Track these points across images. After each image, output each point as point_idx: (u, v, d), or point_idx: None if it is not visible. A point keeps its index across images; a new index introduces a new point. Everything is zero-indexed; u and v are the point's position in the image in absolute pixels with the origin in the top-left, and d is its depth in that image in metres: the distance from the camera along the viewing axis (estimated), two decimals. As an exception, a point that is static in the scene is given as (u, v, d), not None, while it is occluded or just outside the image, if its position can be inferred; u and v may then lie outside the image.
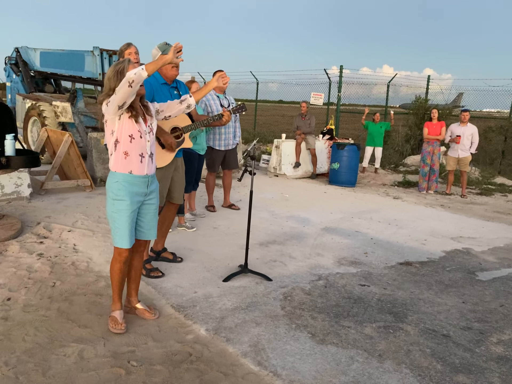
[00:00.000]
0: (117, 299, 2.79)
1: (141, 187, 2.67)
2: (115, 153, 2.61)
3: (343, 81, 11.65)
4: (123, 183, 2.60)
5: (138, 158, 2.62)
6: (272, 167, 8.99)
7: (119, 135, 2.58)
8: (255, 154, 3.85)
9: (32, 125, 8.74)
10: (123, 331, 2.69)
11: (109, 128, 2.60)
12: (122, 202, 2.60)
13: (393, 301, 3.38)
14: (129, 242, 2.66)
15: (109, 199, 2.63)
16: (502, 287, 3.82)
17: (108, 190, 2.64)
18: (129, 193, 2.61)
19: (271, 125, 20.94)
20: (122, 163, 2.60)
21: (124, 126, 2.57)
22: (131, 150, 2.59)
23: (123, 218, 2.61)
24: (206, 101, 5.50)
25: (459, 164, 7.98)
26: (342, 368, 2.48)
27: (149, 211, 2.78)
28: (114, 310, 2.79)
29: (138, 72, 2.38)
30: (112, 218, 2.64)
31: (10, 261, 3.69)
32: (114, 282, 2.75)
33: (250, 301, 3.23)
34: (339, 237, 4.97)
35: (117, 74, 2.50)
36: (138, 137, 2.60)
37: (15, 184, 5.50)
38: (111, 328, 2.71)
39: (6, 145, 4.17)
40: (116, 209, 2.61)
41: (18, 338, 2.58)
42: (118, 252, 2.68)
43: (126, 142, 2.58)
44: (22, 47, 9.58)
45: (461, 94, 14.05)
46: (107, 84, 2.54)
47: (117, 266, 2.71)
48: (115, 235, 2.66)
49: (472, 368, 2.56)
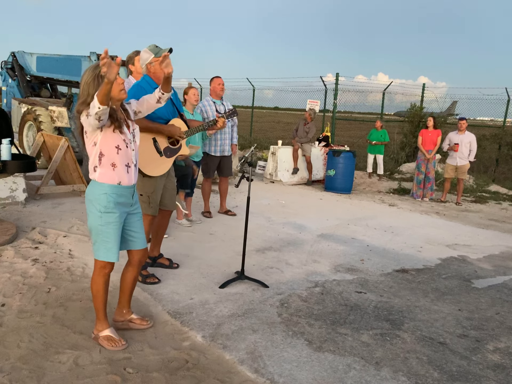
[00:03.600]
0: (104, 317, 2.61)
1: (127, 198, 2.55)
2: (101, 166, 2.45)
3: (339, 89, 11.73)
4: (112, 195, 2.46)
5: (125, 168, 2.50)
6: (268, 173, 9.00)
7: (103, 147, 2.42)
8: (252, 161, 3.85)
9: (27, 130, 8.71)
10: (126, 346, 2.59)
11: (90, 140, 2.42)
12: (112, 214, 2.46)
13: (389, 309, 3.38)
14: (117, 255, 2.53)
15: (95, 212, 2.46)
16: (498, 294, 3.83)
17: (93, 202, 2.46)
18: (117, 205, 2.48)
19: (267, 131, 21.00)
20: (110, 174, 2.46)
21: (108, 138, 2.42)
22: (117, 161, 2.46)
23: (112, 231, 2.48)
24: (202, 107, 5.52)
25: (457, 172, 8.02)
26: (339, 376, 2.47)
27: (136, 220, 2.66)
28: (102, 329, 2.60)
29: (98, 111, 2.18)
30: (98, 232, 2.48)
31: (4, 266, 3.66)
32: (98, 299, 2.57)
33: (246, 308, 3.22)
34: (335, 244, 4.97)
35: (96, 78, 2.33)
36: (124, 147, 2.47)
37: (10, 189, 5.47)
38: (110, 348, 2.54)
39: (2, 149, 4.16)
40: (104, 222, 2.45)
41: (12, 345, 2.54)
42: (102, 266, 2.52)
43: (113, 153, 2.44)
44: (18, 51, 9.56)
45: (455, 102, 14.17)
46: (85, 90, 2.34)
47: (101, 280, 2.55)
48: (100, 248, 2.49)
49: (469, 376, 2.56)
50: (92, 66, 2.42)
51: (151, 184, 3.38)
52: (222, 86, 5.56)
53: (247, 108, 16.25)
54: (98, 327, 2.62)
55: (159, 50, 3.25)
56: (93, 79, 2.34)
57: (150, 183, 3.37)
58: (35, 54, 9.31)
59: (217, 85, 5.54)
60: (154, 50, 3.26)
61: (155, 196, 3.43)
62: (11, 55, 9.70)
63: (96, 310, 2.62)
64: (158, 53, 3.26)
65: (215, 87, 5.56)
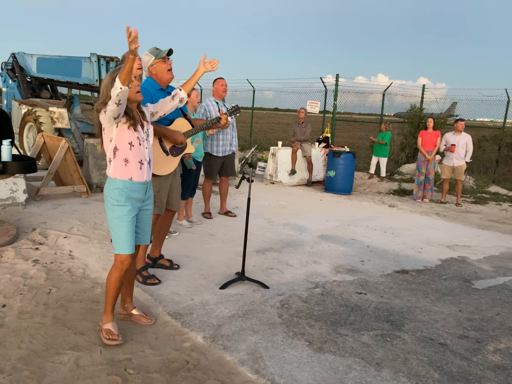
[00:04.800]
0: (110, 311, 2.69)
1: (140, 194, 2.66)
2: (115, 160, 2.59)
3: (338, 90, 11.73)
4: (123, 189, 2.58)
5: (138, 165, 2.62)
6: (268, 174, 9.01)
7: (117, 142, 2.57)
8: (253, 162, 3.86)
9: (28, 131, 8.72)
10: (121, 342, 2.63)
11: (107, 136, 2.60)
12: (124, 207, 2.58)
13: (390, 309, 3.38)
14: (130, 247, 2.62)
15: (109, 205, 2.60)
16: (498, 295, 3.83)
17: (108, 197, 2.61)
18: (129, 199, 2.60)
19: (267, 132, 21.01)
20: (122, 170, 2.59)
21: (123, 134, 2.57)
22: (130, 157, 2.59)
23: (124, 223, 2.59)
24: (205, 107, 5.53)
25: (454, 172, 8.04)
26: (340, 377, 2.47)
27: (145, 216, 2.77)
28: (106, 322, 2.68)
29: (119, 92, 2.33)
30: (113, 225, 2.61)
31: (5, 267, 3.66)
32: (110, 292, 2.66)
33: (247, 308, 3.22)
34: (335, 245, 4.97)
35: (113, 81, 2.46)
36: (138, 144, 2.61)
37: (11, 190, 5.47)
38: (106, 341, 2.61)
39: (3, 150, 4.16)
40: (117, 215, 2.58)
41: (13, 346, 2.55)
42: (120, 260, 2.61)
43: (126, 149, 2.58)
44: (18, 52, 9.57)
45: (455, 103, 14.17)
46: (104, 92, 2.51)
47: (116, 275, 2.63)
48: (116, 242, 2.62)
49: (470, 377, 2.57)
50: (111, 70, 2.57)
51: (157, 183, 3.40)
52: (224, 87, 5.57)
53: (247, 109, 16.26)
54: (103, 319, 2.72)
55: (159, 52, 3.30)
56: (111, 81, 2.47)
57: (156, 182, 3.39)
58: (35, 55, 9.32)
59: (220, 86, 5.55)
60: (155, 52, 3.31)
61: (161, 195, 3.45)
62: (11, 56, 9.71)
63: (105, 302, 2.71)
64: (158, 55, 3.30)
65: (218, 88, 5.57)
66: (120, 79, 2.33)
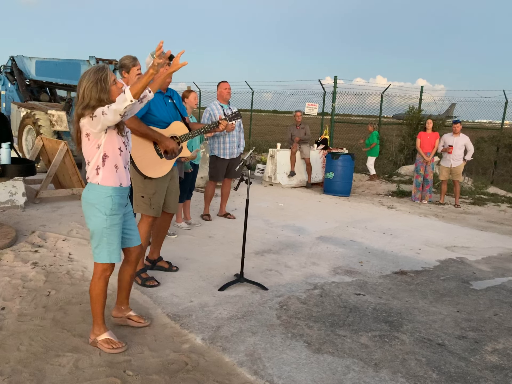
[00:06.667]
0: (102, 321, 2.60)
1: (125, 199, 2.62)
2: (104, 168, 2.48)
3: (337, 92, 11.75)
4: (116, 197, 2.51)
5: (124, 170, 2.57)
6: (267, 176, 9.02)
7: (107, 149, 2.46)
8: (251, 163, 3.87)
9: (27, 134, 8.72)
10: (126, 348, 2.59)
11: (93, 142, 2.45)
12: (116, 216, 2.52)
13: (388, 310, 3.39)
14: (119, 256, 2.57)
15: (100, 215, 2.47)
16: (496, 296, 3.85)
17: (97, 206, 2.47)
18: (120, 206, 2.55)
19: (266, 134, 21.02)
20: (113, 177, 2.50)
21: (113, 140, 2.47)
22: (120, 163, 2.52)
23: (116, 233, 2.53)
24: (210, 111, 5.56)
25: (452, 173, 8.06)
26: (338, 377, 2.48)
27: (130, 217, 2.71)
28: (100, 333, 2.59)
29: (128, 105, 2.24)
30: (102, 235, 2.49)
31: (4, 270, 3.67)
32: (97, 303, 2.56)
33: (246, 310, 3.23)
34: (334, 246, 4.98)
35: (99, 82, 2.35)
36: (124, 149, 2.55)
37: (10, 193, 5.48)
38: (110, 351, 2.54)
39: (2, 153, 4.17)
40: (109, 225, 2.49)
41: (12, 348, 2.55)
42: (103, 269, 2.54)
43: (116, 155, 2.49)
44: (17, 55, 9.58)
45: (453, 105, 14.21)
46: (87, 94, 2.35)
47: (102, 284, 2.55)
48: (102, 251, 2.51)
49: (468, 377, 2.58)
50: (92, 69, 2.41)
51: (152, 186, 3.40)
52: (228, 90, 5.61)
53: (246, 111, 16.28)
54: (96, 331, 2.61)
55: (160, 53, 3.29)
56: (95, 82, 2.35)
57: (151, 185, 3.39)
58: (34, 58, 9.33)
59: (224, 90, 5.59)
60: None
61: (157, 198, 3.44)
62: (10, 59, 9.72)
63: (94, 314, 2.61)
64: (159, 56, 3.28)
65: (222, 91, 5.61)
66: (132, 92, 2.23)
